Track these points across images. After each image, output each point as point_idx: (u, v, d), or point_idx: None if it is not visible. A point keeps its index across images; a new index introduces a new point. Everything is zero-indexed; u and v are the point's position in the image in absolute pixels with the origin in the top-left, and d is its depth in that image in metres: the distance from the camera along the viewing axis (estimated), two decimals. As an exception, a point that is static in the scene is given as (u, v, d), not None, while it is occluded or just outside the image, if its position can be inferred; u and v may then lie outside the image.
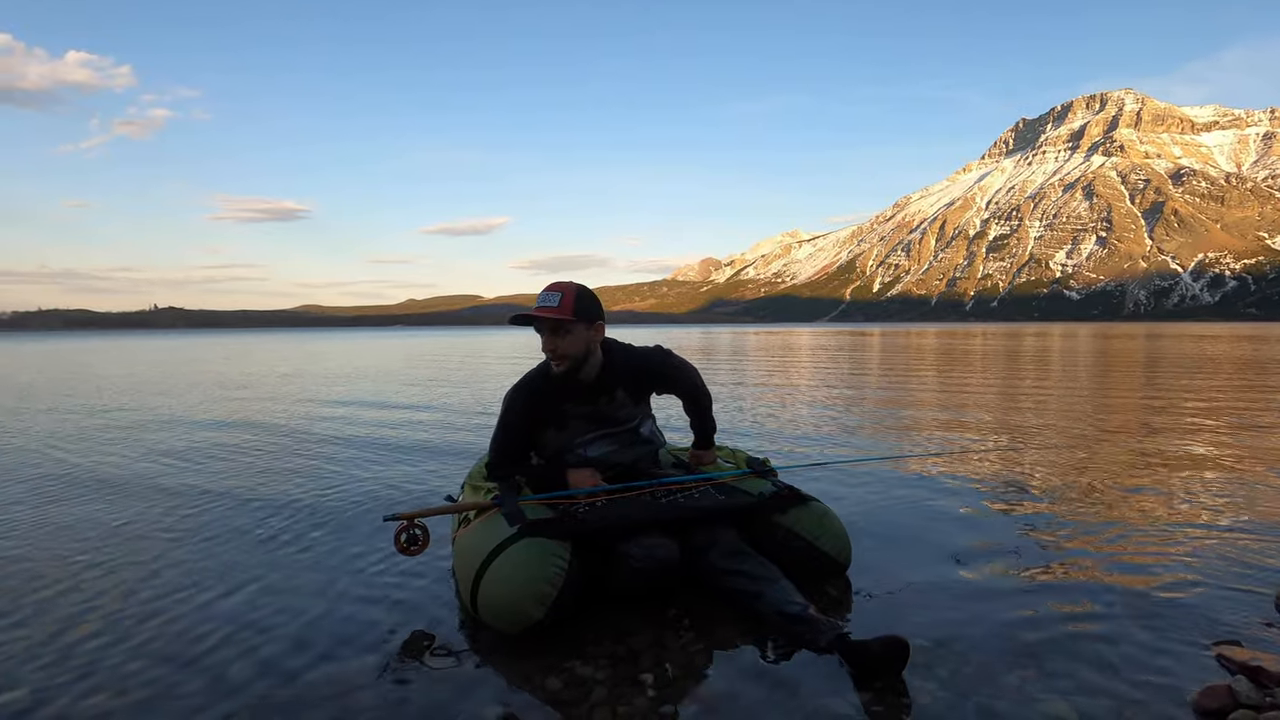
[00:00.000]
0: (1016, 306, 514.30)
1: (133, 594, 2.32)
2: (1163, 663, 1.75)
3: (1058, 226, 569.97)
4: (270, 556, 2.67)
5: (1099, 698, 1.60)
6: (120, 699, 1.68)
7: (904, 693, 1.62)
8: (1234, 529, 2.85)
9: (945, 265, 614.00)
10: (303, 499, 3.55)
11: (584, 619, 2.02)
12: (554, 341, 2.28)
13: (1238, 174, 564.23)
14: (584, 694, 1.67)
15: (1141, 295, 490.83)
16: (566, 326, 2.27)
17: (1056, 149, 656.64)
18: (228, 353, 25.08)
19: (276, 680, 1.75)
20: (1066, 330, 57.26)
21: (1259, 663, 1.64)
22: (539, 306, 2.28)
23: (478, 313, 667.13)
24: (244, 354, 23.78)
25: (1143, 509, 3.18)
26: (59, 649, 1.93)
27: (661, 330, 71.03)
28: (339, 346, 30.95)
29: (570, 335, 2.28)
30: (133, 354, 25.24)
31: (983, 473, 3.96)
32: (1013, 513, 3.14)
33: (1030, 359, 15.52)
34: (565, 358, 2.29)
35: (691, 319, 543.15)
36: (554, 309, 2.25)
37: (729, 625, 1.99)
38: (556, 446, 2.42)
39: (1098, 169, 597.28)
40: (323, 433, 5.84)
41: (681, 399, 2.64)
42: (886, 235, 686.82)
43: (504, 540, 2.00)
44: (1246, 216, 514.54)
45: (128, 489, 3.86)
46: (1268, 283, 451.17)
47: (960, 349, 20.82)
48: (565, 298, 2.27)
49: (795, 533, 2.28)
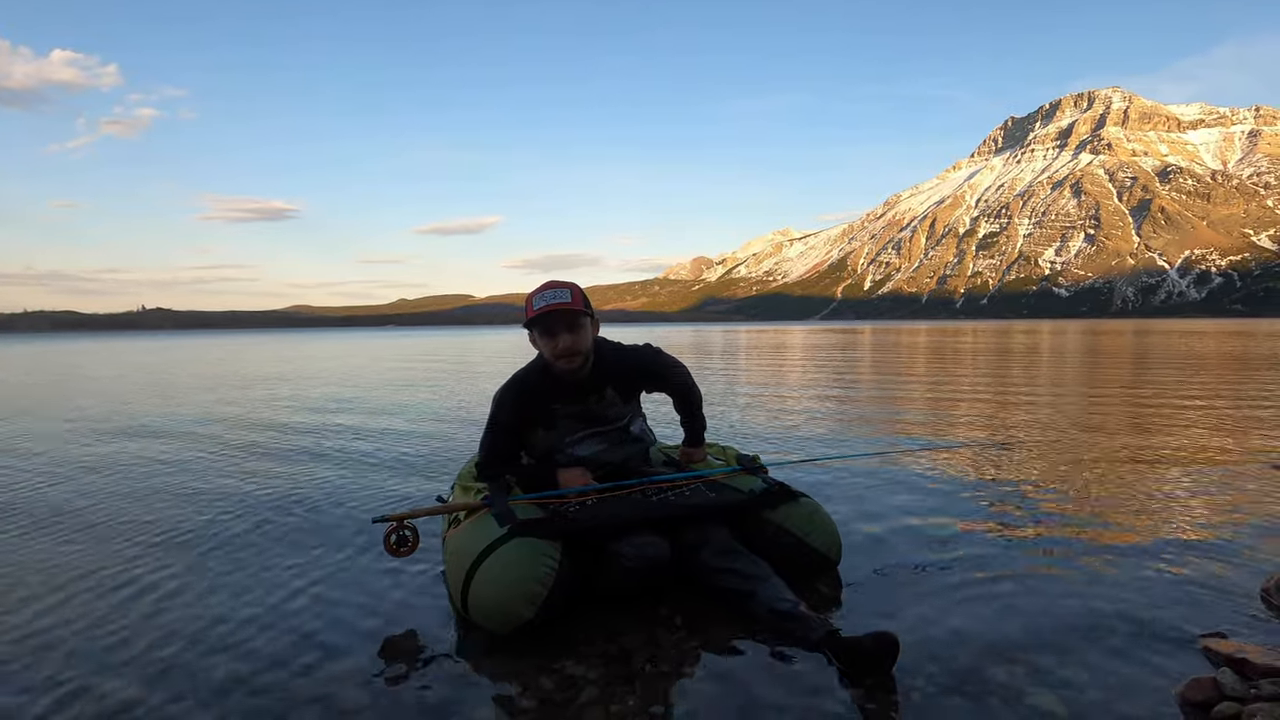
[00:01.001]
0: (1006, 304, 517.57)
1: (120, 596, 2.30)
2: (1149, 655, 1.77)
3: (1046, 224, 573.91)
4: (259, 558, 2.65)
5: (1086, 691, 1.61)
6: (111, 701, 1.67)
7: (894, 689, 1.63)
8: (1220, 522, 2.88)
9: (935, 263, 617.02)
10: (291, 501, 3.52)
11: (575, 618, 2.02)
12: (571, 339, 2.26)
13: (1224, 171, 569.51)
14: (575, 693, 1.66)
15: (1129, 292, 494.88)
16: (581, 320, 2.28)
17: (1045, 147, 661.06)
18: (221, 354, 24.90)
19: (267, 681, 1.74)
20: (1055, 327, 57.65)
21: (1244, 654, 1.65)
22: (553, 303, 2.24)
23: (469, 312, 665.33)
24: (235, 355, 23.62)
25: (1131, 503, 3.21)
26: (44, 652, 1.91)
27: (653, 329, 71.06)
28: (329, 348, 30.78)
29: (584, 331, 2.29)
30: (121, 356, 25.02)
31: (972, 469, 3.98)
32: (1002, 508, 3.15)
33: (1020, 356, 15.61)
34: (579, 354, 2.29)
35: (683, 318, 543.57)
36: (568, 303, 2.25)
37: (721, 624, 1.99)
38: (546, 446, 2.42)
39: (1086, 167, 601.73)
40: (309, 435, 5.80)
41: (672, 397, 2.64)
42: (877, 233, 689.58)
43: (494, 540, 2.00)
44: (1232, 213, 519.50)
45: (114, 492, 3.83)
46: (1253, 279, 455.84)
47: (951, 346, 20.93)
48: (574, 293, 2.28)
49: (786, 529, 2.29)
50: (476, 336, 49.60)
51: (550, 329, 2.26)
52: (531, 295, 2.32)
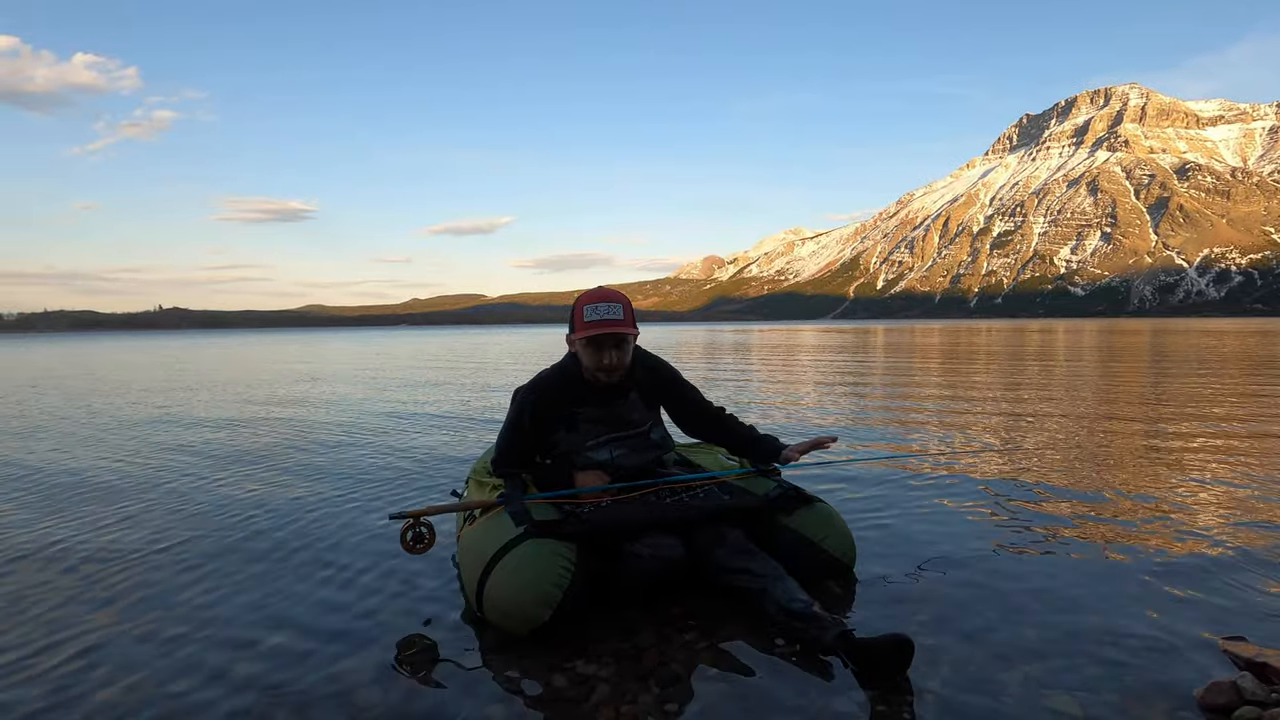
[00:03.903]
0: (1021, 303, 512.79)
1: (133, 592, 2.33)
2: (1168, 658, 1.75)
3: (1062, 222, 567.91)
4: (275, 555, 2.68)
5: (1104, 693, 1.60)
6: (124, 697, 1.69)
7: (908, 691, 1.62)
8: (1241, 524, 2.84)
9: (949, 262, 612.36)
10: (307, 497, 3.55)
11: (588, 617, 2.02)
12: (618, 357, 2.27)
13: (1244, 168, 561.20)
14: (587, 692, 1.67)
15: (1147, 291, 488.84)
16: (630, 339, 2.29)
17: (1060, 144, 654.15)
18: (242, 353, 25.16)
19: (280, 679, 1.76)
20: (1071, 327, 57.05)
21: (1265, 659, 1.63)
22: (606, 319, 2.22)
23: (481, 312, 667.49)
24: (261, 353, 23.85)
25: (1148, 505, 3.17)
26: (57, 649, 1.94)
27: (665, 329, 70.99)
28: (347, 346, 31.00)
29: (629, 347, 2.30)
30: (158, 354, 25.34)
31: (987, 470, 3.95)
32: (1017, 510, 3.13)
33: (1035, 356, 15.47)
34: (621, 369, 2.30)
35: (695, 317, 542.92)
36: (620, 322, 2.24)
37: (733, 623, 1.99)
38: (566, 448, 2.40)
39: (1102, 164, 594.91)
40: (325, 431, 5.85)
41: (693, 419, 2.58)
42: (890, 232, 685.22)
43: (510, 540, 2.00)
44: (1252, 211, 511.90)
45: (124, 488, 3.88)
46: (1274, 277, 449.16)
47: (965, 346, 20.77)
48: (626, 309, 2.27)
49: (801, 535, 2.25)
50: (489, 336, 49.77)
51: (599, 344, 2.26)
52: (582, 303, 2.29)
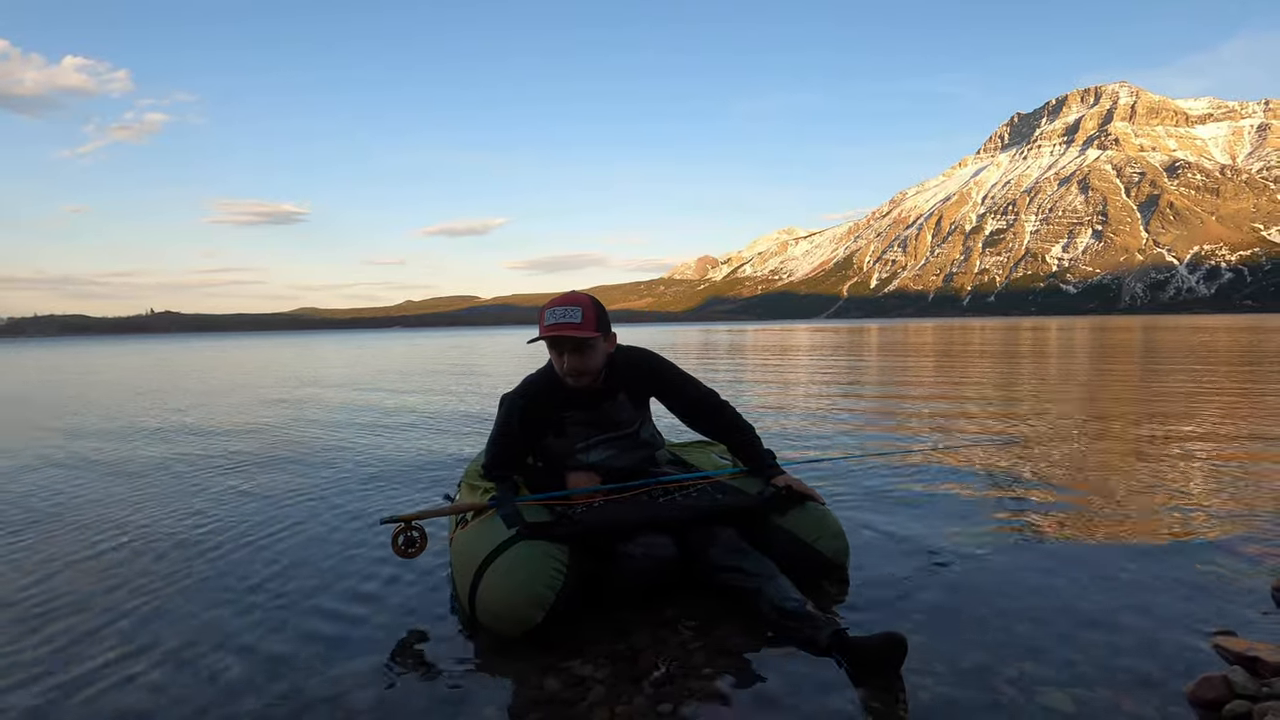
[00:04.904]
0: (1013, 301, 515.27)
1: (129, 596, 2.31)
2: (1159, 653, 1.76)
3: (1054, 220, 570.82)
4: (267, 559, 2.66)
5: (1096, 688, 1.61)
6: (121, 702, 1.68)
7: (902, 689, 1.63)
8: (1231, 518, 2.86)
9: (942, 260, 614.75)
10: (298, 502, 3.54)
11: (583, 618, 2.02)
12: (577, 360, 2.19)
13: (1233, 166, 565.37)
14: (582, 693, 1.66)
15: (1138, 288, 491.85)
16: (590, 343, 2.19)
17: (1052, 143, 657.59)
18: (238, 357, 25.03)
19: (275, 683, 1.75)
20: (1064, 324, 57.35)
21: (1255, 653, 1.64)
22: (559, 323, 2.15)
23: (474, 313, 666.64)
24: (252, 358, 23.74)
25: (1141, 500, 3.19)
26: (52, 657, 1.93)
27: (659, 329, 71.05)
28: (340, 350, 30.89)
29: (593, 351, 2.20)
30: (164, 360, 25.18)
31: (980, 467, 3.96)
32: (1010, 506, 3.14)
33: (1028, 353, 15.53)
34: (585, 374, 2.23)
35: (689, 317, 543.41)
36: (577, 325, 2.14)
37: (728, 624, 1.99)
38: (556, 452, 2.40)
39: (1093, 162, 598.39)
40: (315, 436, 5.83)
41: (690, 413, 2.48)
42: (883, 231, 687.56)
43: (502, 543, 2.00)
44: (1242, 208, 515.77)
45: (124, 493, 3.86)
46: (1263, 274, 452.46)
47: (958, 344, 20.84)
48: (586, 312, 2.17)
49: (794, 534, 2.25)
50: (482, 337, 49.68)
51: (557, 347, 2.22)
52: (544, 307, 2.23)
